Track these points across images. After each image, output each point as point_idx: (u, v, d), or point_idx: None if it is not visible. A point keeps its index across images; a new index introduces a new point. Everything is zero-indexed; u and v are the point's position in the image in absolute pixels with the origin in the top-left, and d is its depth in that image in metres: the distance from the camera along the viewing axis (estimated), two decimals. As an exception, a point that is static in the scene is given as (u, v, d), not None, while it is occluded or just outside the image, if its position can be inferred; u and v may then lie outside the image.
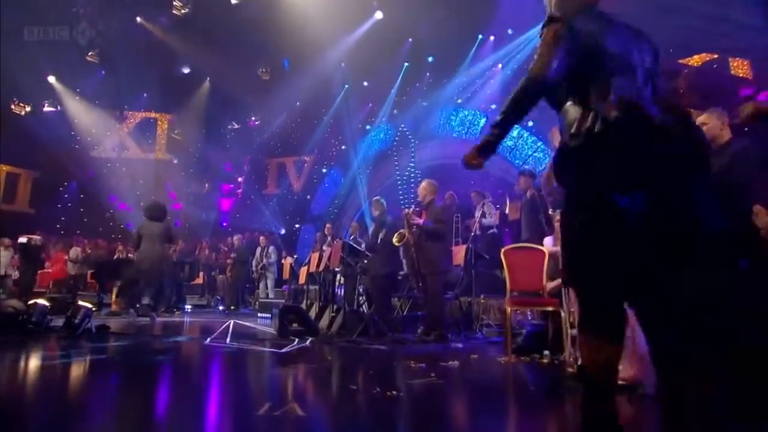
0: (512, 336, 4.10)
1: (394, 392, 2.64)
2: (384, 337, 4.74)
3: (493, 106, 12.83)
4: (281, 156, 17.76)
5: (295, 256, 13.31)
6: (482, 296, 5.70)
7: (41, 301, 4.99)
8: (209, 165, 16.23)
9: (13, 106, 13.90)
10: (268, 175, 18.16)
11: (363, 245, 8.13)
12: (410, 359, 3.73)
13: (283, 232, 16.92)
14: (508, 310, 4.04)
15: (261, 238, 10.40)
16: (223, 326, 6.02)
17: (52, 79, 13.87)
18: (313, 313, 7.40)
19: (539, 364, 3.79)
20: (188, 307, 10.63)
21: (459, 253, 5.93)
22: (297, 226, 17.00)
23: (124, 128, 15.42)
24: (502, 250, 4.16)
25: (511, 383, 3.38)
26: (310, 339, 4.64)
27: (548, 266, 4.03)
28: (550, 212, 6.26)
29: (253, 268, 10.10)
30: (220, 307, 10.83)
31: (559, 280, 3.83)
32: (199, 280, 12.53)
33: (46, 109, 14.58)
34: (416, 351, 4.29)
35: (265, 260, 9.82)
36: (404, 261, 5.34)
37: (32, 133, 14.21)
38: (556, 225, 6.03)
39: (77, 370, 3.47)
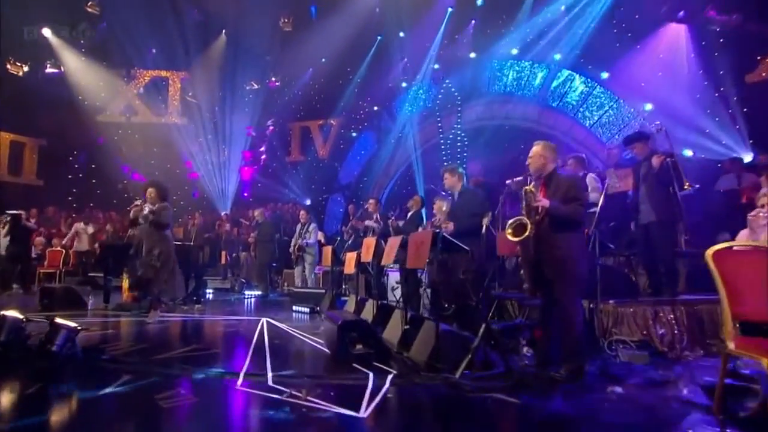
0: (723, 392, 2.55)
1: None
2: (496, 374, 3.23)
3: (557, 56, 10.87)
4: (305, 119, 16.10)
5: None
6: (612, 301, 4.13)
7: (11, 314, 3.60)
8: (228, 130, 14.66)
9: (9, 66, 12.42)
10: (291, 141, 16.60)
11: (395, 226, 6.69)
12: None
13: (308, 203, 15.49)
14: (730, 346, 2.46)
15: (302, 212, 8.86)
16: (255, 338, 4.62)
17: (47, 32, 12.28)
18: (351, 307, 6.00)
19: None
20: (209, 292, 9.33)
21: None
22: (324, 196, 15.52)
23: (132, 89, 13.83)
24: (712, 252, 2.54)
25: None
26: (391, 377, 3.15)
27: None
28: (686, 186, 4.60)
29: (291, 248, 8.63)
30: (246, 292, 9.51)
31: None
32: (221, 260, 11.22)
33: (48, 70, 13.12)
34: (583, 406, 2.79)
35: (304, 240, 8.33)
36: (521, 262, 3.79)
37: (33, 96, 12.81)
38: (752, 218, 4.29)
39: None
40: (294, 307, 7.24)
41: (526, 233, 3.20)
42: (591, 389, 3.10)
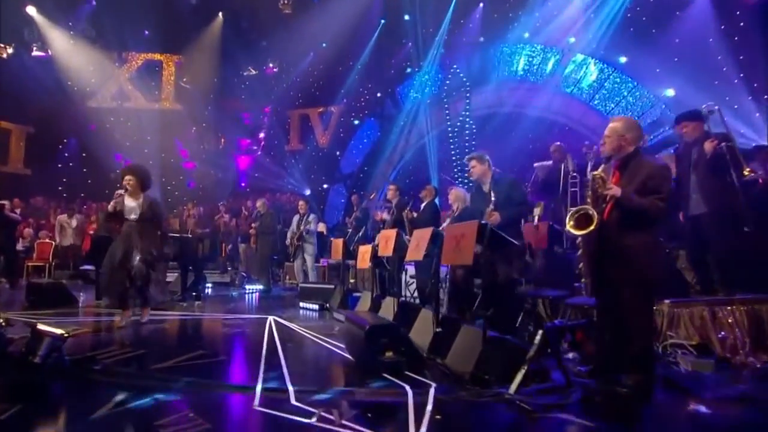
0: None
1: None
2: (554, 387, 2.79)
3: (572, 39, 10.38)
4: (304, 107, 15.52)
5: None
6: (667, 301, 3.70)
7: (-13, 317, 3.12)
8: (224, 117, 14.05)
9: (-8, 48, 11.76)
10: (290, 129, 16.03)
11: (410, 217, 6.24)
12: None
13: (308, 193, 14.98)
14: None
15: (300, 202, 8.37)
16: (266, 341, 4.15)
17: (32, 10, 11.57)
18: (366, 305, 5.56)
19: None
20: (209, 286, 8.85)
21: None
22: (325, 186, 15.00)
23: (124, 73, 13.15)
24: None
25: None
26: (433, 392, 2.71)
27: None
28: (746, 172, 4.16)
29: (288, 240, 8.18)
30: (247, 287, 9.03)
31: None
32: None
33: (35, 53, 12.43)
34: None
35: (303, 228, 7.84)
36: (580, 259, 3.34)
37: (19, 81, 12.14)
38: None
39: None
40: (301, 304, 6.78)
41: (592, 226, 2.74)
42: (669, 408, 2.67)
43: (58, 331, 2.88)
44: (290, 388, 2.79)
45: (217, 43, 13.14)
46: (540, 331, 2.82)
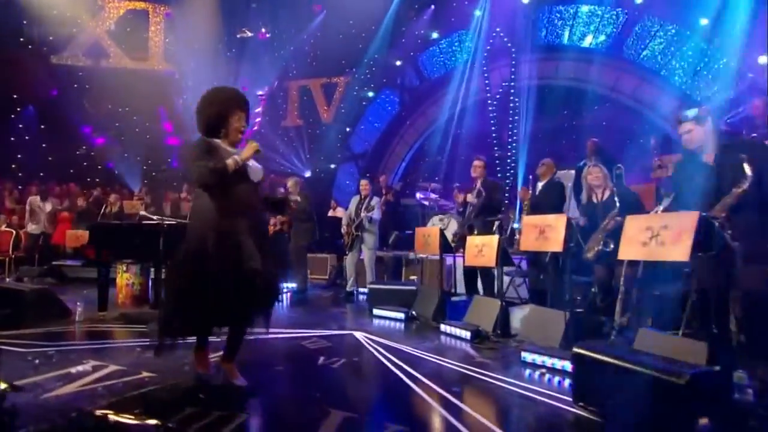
0: None
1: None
2: None
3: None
4: (303, 77, 13.66)
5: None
6: None
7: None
8: (222, 82, 12.00)
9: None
10: (288, 103, 14.14)
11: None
12: None
13: (308, 174, 13.29)
14: None
15: (363, 182, 6.72)
16: (410, 383, 2.61)
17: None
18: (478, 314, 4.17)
19: None
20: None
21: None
22: (330, 166, 13.28)
23: (101, 24, 10.72)
24: None
25: None
26: None
27: None
28: None
29: (344, 229, 6.53)
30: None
31: None
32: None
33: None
34: None
35: (365, 215, 6.22)
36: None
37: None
38: None
39: None
40: (375, 311, 5.23)
41: None
42: None
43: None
44: None
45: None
46: None
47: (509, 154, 10.41)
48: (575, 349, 2.46)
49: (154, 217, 5.08)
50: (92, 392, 2.58)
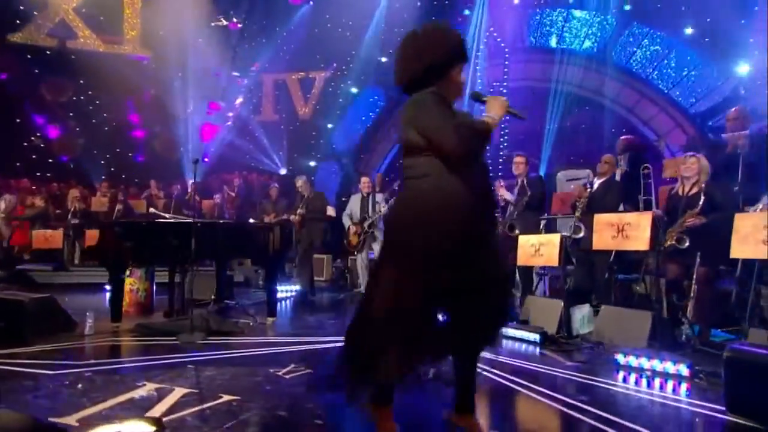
0: None
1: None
2: None
3: (627, 6, 9.39)
4: (281, 71, 13.10)
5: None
6: None
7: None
8: (198, 73, 11.20)
9: None
10: (262, 97, 13.50)
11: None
12: None
13: (283, 172, 12.79)
14: None
15: (363, 179, 6.36)
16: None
17: None
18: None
19: None
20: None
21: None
22: (312, 164, 12.79)
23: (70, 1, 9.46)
24: None
25: None
26: None
27: None
28: None
29: (354, 228, 6.11)
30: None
31: None
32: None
33: None
34: None
35: (378, 213, 5.88)
36: None
37: None
38: None
39: None
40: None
41: None
42: None
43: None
44: None
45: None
46: None
47: (501, 153, 10.42)
48: (727, 353, 2.31)
49: (167, 215, 4.53)
50: (185, 423, 2.13)
